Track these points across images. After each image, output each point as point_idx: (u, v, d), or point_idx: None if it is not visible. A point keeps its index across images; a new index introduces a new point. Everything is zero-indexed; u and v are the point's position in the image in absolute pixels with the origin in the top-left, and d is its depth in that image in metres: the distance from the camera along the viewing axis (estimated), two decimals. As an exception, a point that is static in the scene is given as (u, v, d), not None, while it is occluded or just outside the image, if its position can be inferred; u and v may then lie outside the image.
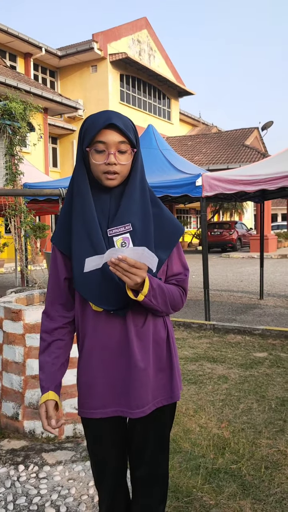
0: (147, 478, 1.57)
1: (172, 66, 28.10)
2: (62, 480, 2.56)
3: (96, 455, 1.59)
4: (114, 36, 23.23)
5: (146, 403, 1.49)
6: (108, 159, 1.39)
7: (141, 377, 1.46)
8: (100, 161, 1.40)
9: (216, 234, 23.07)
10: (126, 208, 1.45)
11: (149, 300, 1.38)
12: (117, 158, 1.40)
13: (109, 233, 1.45)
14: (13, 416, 3.08)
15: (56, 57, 22.92)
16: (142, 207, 1.48)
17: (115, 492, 1.61)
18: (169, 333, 1.56)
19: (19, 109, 6.42)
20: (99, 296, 1.43)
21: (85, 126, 1.44)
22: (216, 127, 33.64)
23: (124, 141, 1.41)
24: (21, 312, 3.05)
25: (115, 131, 1.39)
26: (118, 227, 1.44)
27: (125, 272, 1.28)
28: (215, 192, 6.28)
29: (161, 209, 1.53)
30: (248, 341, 5.65)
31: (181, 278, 1.56)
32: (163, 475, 1.59)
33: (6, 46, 20.96)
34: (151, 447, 1.56)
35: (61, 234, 1.51)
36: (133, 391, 1.46)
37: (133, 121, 1.48)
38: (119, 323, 1.46)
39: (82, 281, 1.44)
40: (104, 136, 1.39)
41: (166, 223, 1.53)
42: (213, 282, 11.39)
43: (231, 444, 2.95)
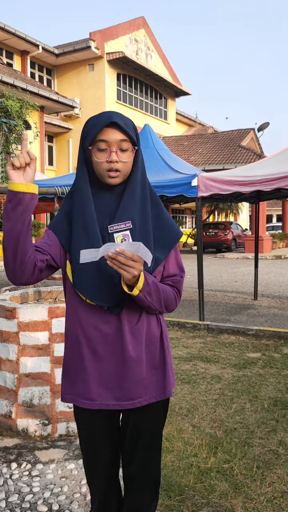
0: (140, 475, 1.58)
1: (169, 66, 28.12)
2: (54, 478, 2.56)
3: (88, 450, 1.60)
4: (111, 35, 23.22)
5: (138, 397, 1.50)
6: (110, 157, 1.43)
7: (134, 372, 1.48)
8: (102, 159, 1.44)
9: (211, 235, 23.13)
10: (127, 205, 1.48)
11: (143, 296, 1.40)
12: (119, 156, 1.44)
13: (110, 230, 1.48)
14: (6, 414, 3.08)
15: (53, 55, 22.88)
16: (142, 206, 1.51)
17: (107, 488, 1.62)
18: (162, 331, 1.58)
19: (15, 107, 6.41)
20: (94, 292, 1.45)
21: (88, 126, 1.47)
22: (212, 128, 33.69)
23: (125, 139, 1.44)
24: (16, 310, 3.05)
25: (116, 130, 1.43)
26: (118, 224, 1.47)
27: (122, 265, 1.30)
28: (210, 193, 6.30)
29: (161, 210, 1.56)
30: (242, 342, 5.67)
31: (176, 279, 1.58)
32: (155, 473, 1.61)
33: (3, 43, 20.90)
34: (143, 444, 1.57)
35: (60, 225, 1.53)
36: (124, 385, 1.48)
37: (133, 122, 1.51)
38: (113, 319, 1.48)
39: (78, 276, 1.46)
40: (106, 134, 1.42)
41: (165, 224, 1.55)
42: (207, 282, 11.41)
43: (224, 444, 2.97)
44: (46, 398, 3.01)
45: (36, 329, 3.02)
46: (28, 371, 3.03)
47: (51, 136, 23.65)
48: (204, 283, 10.85)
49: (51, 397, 3.01)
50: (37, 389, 3.02)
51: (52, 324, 3.02)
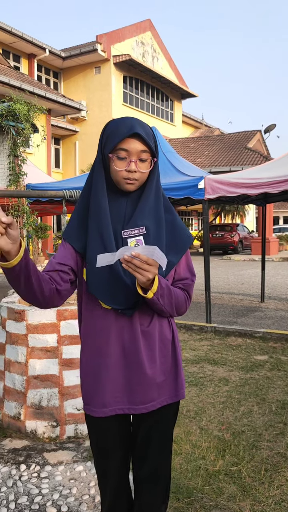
0: (150, 477, 1.59)
1: (176, 68, 28.16)
2: (63, 480, 2.58)
3: (100, 453, 1.61)
4: (118, 38, 23.30)
5: (151, 400, 1.52)
6: (129, 166, 1.44)
7: (146, 375, 1.50)
8: (122, 168, 1.45)
9: (218, 237, 23.11)
10: (141, 211, 1.50)
11: (157, 299, 1.42)
12: (138, 166, 1.45)
13: (124, 235, 1.49)
14: (15, 415, 3.11)
15: (60, 58, 22.99)
16: (156, 212, 1.53)
17: (118, 491, 1.63)
18: (174, 334, 1.60)
19: (23, 111, 6.45)
20: (109, 295, 1.47)
21: (108, 131, 1.48)
22: (219, 130, 33.68)
23: (145, 150, 1.45)
24: (24, 313, 3.07)
25: (137, 140, 1.44)
26: (132, 229, 1.49)
27: (137, 268, 1.32)
28: (217, 195, 6.31)
29: (174, 216, 1.59)
30: (249, 344, 5.67)
31: (187, 283, 1.60)
32: (165, 475, 1.62)
33: (10, 47, 21.03)
34: (154, 446, 1.58)
35: (74, 231, 1.55)
36: (137, 388, 1.50)
37: (151, 130, 1.52)
38: (126, 322, 1.50)
39: (93, 280, 1.48)
40: (127, 144, 1.43)
41: (178, 229, 1.58)
42: (214, 284, 11.40)
43: (232, 446, 2.97)
44: (54, 400, 3.03)
45: (45, 331, 3.04)
46: (37, 373, 3.05)
47: (58, 139, 23.75)
48: (211, 285, 10.83)
49: (60, 399, 3.03)
50: (45, 391, 3.04)
51: (61, 326, 3.04)
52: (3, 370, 3.24)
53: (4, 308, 3.25)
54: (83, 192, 1.58)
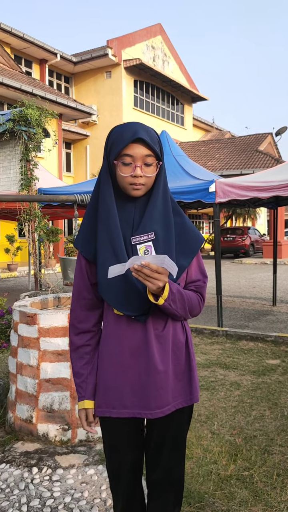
0: (163, 481, 1.60)
1: (186, 72, 28.19)
2: (75, 483, 2.59)
3: (113, 456, 1.61)
4: (128, 42, 23.41)
5: (166, 404, 1.52)
6: (134, 171, 1.44)
7: (161, 379, 1.50)
8: (127, 173, 1.45)
9: (229, 240, 23.02)
10: (149, 217, 1.50)
11: (168, 304, 1.43)
12: (143, 171, 1.46)
13: (133, 241, 1.50)
14: (27, 418, 3.12)
15: (71, 63, 23.15)
16: (164, 217, 1.53)
17: (130, 495, 1.63)
18: (187, 337, 1.60)
19: (34, 116, 6.51)
20: (122, 302, 1.48)
21: (112, 138, 1.48)
22: (230, 133, 33.62)
23: (150, 154, 1.45)
24: (36, 316, 3.09)
25: (142, 145, 1.44)
26: (141, 235, 1.49)
27: (147, 277, 1.33)
28: (228, 198, 6.29)
29: (183, 218, 1.58)
30: (261, 348, 5.64)
31: (199, 285, 1.61)
32: (178, 478, 1.62)
33: (22, 52, 21.24)
34: (168, 449, 1.59)
35: (84, 239, 1.57)
36: (153, 393, 1.50)
37: (156, 134, 1.52)
38: (139, 327, 1.50)
39: (106, 287, 1.49)
40: (131, 149, 1.44)
41: (188, 231, 1.57)
42: (225, 288, 11.36)
43: (243, 451, 2.95)
44: (66, 404, 3.04)
45: (56, 334, 3.06)
46: (49, 377, 3.06)
47: (69, 143, 23.89)
48: (222, 289, 10.80)
49: (71, 402, 3.04)
50: (57, 394, 3.05)
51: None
52: (15, 373, 3.26)
53: (16, 312, 3.28)
54: (91, 200, 1.59)
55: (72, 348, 1.63)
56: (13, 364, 3.31)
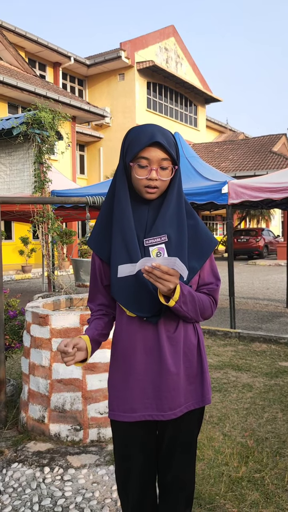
0: (174, 483, 1.61)
1: (199, 73, 28.17)
2: (86, 483, 2.60)
3: (123, 459, 1.61)
4: (141, 45, 23.46)
5: (178, 406, 1.53)
6: (150, 174, 1.45)
7: (173, 381, 1.51)
8: (142, 176, 1.46)
9: (243, 241, 22.90)
10: (163, 219, 1.50)
11: (179, 306, 1.43)
12: (159, 174, 1.46)
13: (146, 243, 1.50)
14: (39, 419, 3.15)
15: (85, 66, 23.28)
16: (178, 219, 1.53)
17: (142, 496, 1.62)
18: (199, 339, 1.60)
19: (48, 118, 6.57)
20: (134, 303, 1.49)
21: (129, 139, 1.49)
22: (243, 134, 33.47)
23: (166, 158, 1.45)
24: (48, 317, 3.12)
25: (158, 148, 1.44)
26: (154, 237, 1.50)
27: (158, 278, 1.34)
28: (241, 200, 6.27)
29: (197, 221, 1.58)
30: (274, 350, 5.60)
31: (212, 288, 1.61)
32: (189, 480, 1.62)
33: (36, 56, 21.43)
34: (179, 452, 1.59)
35: (98, 239, 1.58)
36: (165, 394, 1.51)
37: (174, 137, 1.52)
38: (151, 328, 1.51)
39: (118, 288, 1.51)
40: (148, 152, 1.44)
41: (201, 234, 1.57)
42: (239, 289, 11.31)
43: (255, 453, 2.94)
44: (77, 404, 3.06)
45: (68, 335, 3.08)
46: (60, 377, 3.09)
47: (83, 145, 24.01)
48: (236, 290, 10.75)
49: (83, 403, 3.06)
50: (69, 394, 3.07)
51: (84, 331, 3.07)
52: (27, 373, 3.29)
53: (29, 313, 3.31)
54: (106, 199, 1.59)
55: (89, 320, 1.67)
56: (25, 365, 3.34)
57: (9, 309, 3.94)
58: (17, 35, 19.45)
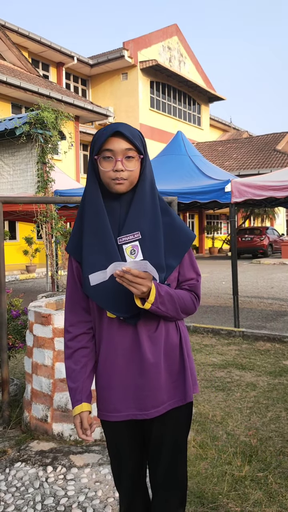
0: (165, 481, 1.60)
1: (203, 72, 28.12)
2: (89, 482, 2.60)
3: (114, 456, 1.63)
4: (144, 44, 23.45)
5: (161, 403, 1.52)
6: (115, 166, 1.44)
7: (154, 380, 1.50)
8: (108, 168, 1.45)
9: (247, 240, 22.84)
10: (135, 215, 1.49)
11: (156, 308, 1.42)
12: (124, 165, 1.45)
13: (119, 241, 1.49)
14: (42, 418, 3.15)
15: (88, 66, 23.30)
16: (152, 215, 1.51)
17: (133, 493, 1.64)
18: (182, 337, 1.58)
19: (50, 118, 6.57)
20: (111, 303, 1.48)
21: (95, 137, 1.50)
22: (247, 132, 33.39)
23: (130, 148, 1.45)
24: (50, 317, 3.12)
25: (121, 139, 1.44)
26: (127, 235, 1.48)
27: (131, 282, 1.33)
28: (244, 198, 6.25)
29: (172, 218, 1.56)
30: (278, 349, 5.58)
31: (193, 284, 1.59)
32: (181, 478, 1.61)
33: (39, 56, 21.46)
34: (167, 449, 1.58)
35: (75, 242, 1.56)
36: (146, 393, 1.50)
37: (140, 132, 1.52)
38: (131, 328, 1.50)
39: (94, 291, 1.49)
40: (111, 144, 1.44)
41: (177, 231, 1.55)
42: (243, 288, 11.28)
43: (258, 452, 2.93)
44: (80, 403, 3.06)
45: (71, 335, 3.08)
46: (63, 377, 3.09)
47: (86, 145, 24.02)
48: (240, 289, 10.72)
49: (86, 402, 3.06)
50: (71, 394, 3.07)
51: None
52: (30, 373, 3.29)
53: (32, 312, 3.31)
54: (81, 202, 1.57)
55: (68, 353, 1.59)
56: (28, 364, 3.35)
57: (12, 308, 3.95)
58: (20, 35, 19.50)
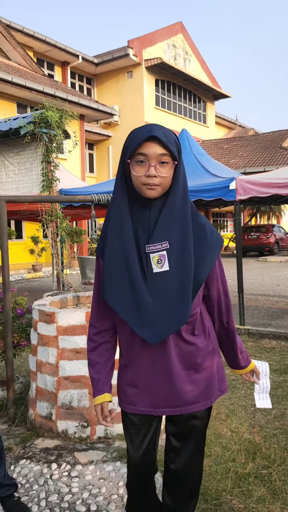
0: (180, 475, 1.64)
1: (208, 70, 28.02)
2: (93, 479, 2.61)
3: (131, 448, 1.68)
4: (149, 42, 23.40)
5: (183, 404, 1.56)
6: (148, 171, 1.40)
7: (177, 380, 1.53)
8: (141, 173, 1.41)
9: (253, 238, 22.76)
10: (165, 223, 1.45)
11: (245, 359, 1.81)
12: (158, 170, 1.40)
13: (147, 249, 1.46)
14: (47, 415, 3.17)
15: (93, 65, 23.29)
16: (181, 224, 1.46)
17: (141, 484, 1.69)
18: (209, 344, 1.61)
19: (55, 117, 6.58)
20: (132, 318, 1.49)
21: (128, 139, 1.46)
22: (253, 130, 33.26)
23: (165, 153, 1.40)
24: (54, 315, 3.14)
25: (156, 144, 1.39)
26: (155, 244, 1.45)
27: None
28: (249, 196, 6.23)
29: (202, 226, 1.51)
30: (284, 346, 5.57)
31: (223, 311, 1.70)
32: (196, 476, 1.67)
33: (44, 55, 21.48)
34: (187, 446, 1.63)
35: (101, 245, 1.56)
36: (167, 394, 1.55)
37: (175, 136, 1.47)
38: None
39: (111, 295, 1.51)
40: (145, 148, 1.40)
41: (207, 241, 1.51)
42: (249, 286, 11.25)
43: (262, 449, 2.93)
44: (84, 401, 3.08)
45: (74, 333, 3.10)
46: (67, 374, 3.10)
47: (91, 144, 24.04)
48: (246, 287, 10.69)
49: (90, 400, 3.07)
50: (76, 392, 3.09)
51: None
52: (35, 371, 3.31)
53: (36, 311, 3.33)
54: (109, 204, 1.57)
55: (92, 346, 1.65)
56: (33, 362, 3.36)
57: (17, 307, 3.97)
58: (25, 35, 19.52)
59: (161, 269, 1.44)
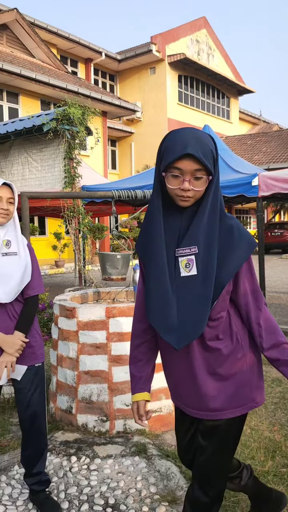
0: (204, 470, 1.66)
1: (232, 65, 27.74)
2: (111, 473, 2.64)
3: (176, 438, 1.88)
4: (172, 37, 23.29)
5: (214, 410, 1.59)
6: (182, 185, 1.42)
7: (202, 387, 1.57)
8: (175, 186, 1.44)
9: (277, 235, 22.50)
10: (195, 230, 1.48)
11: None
12: (192, 184, 1.43)
13: (176, 253, 1.50)
14: (67, 409, 3.21)
15: (116, 61, 23.32)
16: (209, 230, 1.48)
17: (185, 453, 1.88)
18: (238, 348, 1.59)
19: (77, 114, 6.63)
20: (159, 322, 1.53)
21: (163, 147, 1.46)
22: (278, 125, 32.82)
23: (200, 168, 1.41)
24: (75, 310, 3.17)
25: (191, 160, 1.40)
26: (184, 248, 1.49)
27: None
28: (271, 192, 6.16)
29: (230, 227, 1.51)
30: (306, 344, 5.49)
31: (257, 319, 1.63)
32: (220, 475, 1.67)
33: (68, 52, 21.61)
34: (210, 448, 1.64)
35: (142, 242, 1.61)
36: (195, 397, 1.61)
37: (212, 143, 1.45)
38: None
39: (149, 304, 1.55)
40: (181, 163, 1.41)
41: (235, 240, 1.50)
42: (272, 284, 11.13)
43: (282, 448, 2.91)
44: (104, 396, 3.10)
45: (94, 328, 3.12)
46: (87, 369, 3.13)
47: (114, 141, 24.11)
48: (269, 285, 10.58)
49: (109, 394, 3.10)
50: (95, 386, 3.12)
51: (110, 324, 3.11)
52: (56, 365, 3.35)
53: (57, 306, 3.37)
54: (148, 207, 1.61)
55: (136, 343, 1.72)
56: (54, 356, 3.41)
57: (39, 302, 4.02)
58: (49, 32, 19.67)
59: (188, 273, 1.47)
